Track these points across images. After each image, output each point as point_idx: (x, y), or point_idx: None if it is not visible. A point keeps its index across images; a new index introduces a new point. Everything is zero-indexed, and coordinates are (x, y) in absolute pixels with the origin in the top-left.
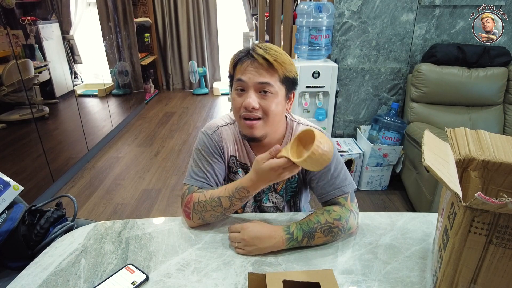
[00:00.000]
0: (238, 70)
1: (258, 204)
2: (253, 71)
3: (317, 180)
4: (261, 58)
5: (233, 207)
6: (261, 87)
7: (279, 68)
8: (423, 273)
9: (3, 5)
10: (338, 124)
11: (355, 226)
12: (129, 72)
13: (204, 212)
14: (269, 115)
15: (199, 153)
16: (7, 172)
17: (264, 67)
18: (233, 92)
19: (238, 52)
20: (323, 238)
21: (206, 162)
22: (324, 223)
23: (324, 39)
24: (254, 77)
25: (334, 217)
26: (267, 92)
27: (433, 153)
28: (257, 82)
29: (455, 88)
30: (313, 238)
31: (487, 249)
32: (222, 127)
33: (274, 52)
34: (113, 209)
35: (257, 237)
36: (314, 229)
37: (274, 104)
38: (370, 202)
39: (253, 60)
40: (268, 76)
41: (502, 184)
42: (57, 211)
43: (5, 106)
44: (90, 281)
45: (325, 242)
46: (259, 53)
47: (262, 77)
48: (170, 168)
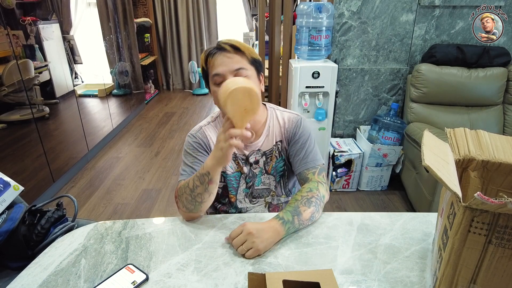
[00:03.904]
0: (211, 64)
1: (251, 190)
2: (225, 61)
3: (293, 155)
4: (228, 46)
5: (197, 190)
6: (237, 73)
7: (246, 50)
8: (422, 273)
9: (3, 5)
10: (338, 124)
11: (327, 194)
12: (129, 73)
13: (181, 197)
14: None
15: (185, 153)
16: (7, 172)
17: (233, 53)
18: (212, 86)
19: (207, 49)
20: (309, 210)
21: (192, 157)
22: (301, 198)
23: (324, 40)
24: (228, 66)
25: (306, 191)
26: (243, 76)
27: (433, 153)
28: (233, 70)
29: (454, 89)
30: (300, 213)
31: (486, 249)
32: (205, 126)
33: (236, 40)
34: (113, 209)
35: (259, 228)
36: (296, 206)
37: None
38: (370, 202)
39: (222, 51)
40: (240, 61)
41: (501, 184)
42: (57, 211)
43: (6, 106)
44: (90, 281)
45: (313, 215)
46: (224, 42)
47: (235, 63)
48: (170, 168)
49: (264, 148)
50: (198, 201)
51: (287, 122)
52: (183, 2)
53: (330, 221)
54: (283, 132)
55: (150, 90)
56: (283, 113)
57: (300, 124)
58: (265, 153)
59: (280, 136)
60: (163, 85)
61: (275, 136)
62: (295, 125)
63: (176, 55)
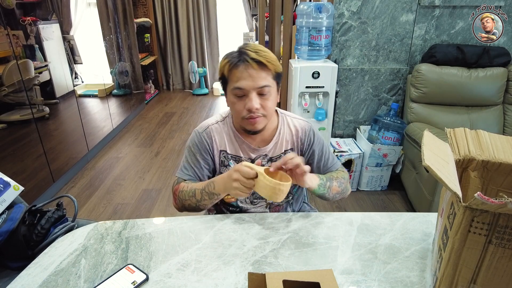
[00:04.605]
0: (234, 75)
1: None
2: (251, 77)
3: (312, 163)
4: (255, 63)
5: (204, 202)
6: (261, 90)
7: (272, 67)
8: (422, 273)
9: (4, 5)
10: (338, 124)
11: (350, 186)
12: (129, 73)
13: (184, 201)
14: (268, 111)
15: (189, 150)
16: (8, 172)
17: (259, 70)
18: (231, 96)
19: (230, 56)
20: (337, 188)
21: (195, 159)
22: (336, 176)
23: (324, 40)
24: (253, 82)
25: (337, 174)
26: (266, 93)
27: (433, 153)
28: (258, 87)
29: (454, 89)
30: (332, 182)
31: (486, 249)
32: (212, 125)
33: (264, 53)
34: (113, 209)
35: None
36: (330, 178)
37: (272, 101)
38: (370, 202)
39: (247, 65)
40: (265, 79)
41: (501, 184)
42: (57, 211)
43: (6, 106)
44: (90, 281)
45: (336, 194)
46: (252, 57)
47: (260, 80)
48: (170, 168)
49: (271, 154)
50: (201, 208)
51: (300, 131)
52: (183, 2)
53: (330, 221)
54: (295, 140)
55: (150, 90)
56: (294, 120)
57: (313, 134)
58: (271, 159)
59: (292, 144)
60: (163, 85)
61: (284, 144)
62: (308, 134)
63: (176, 55)
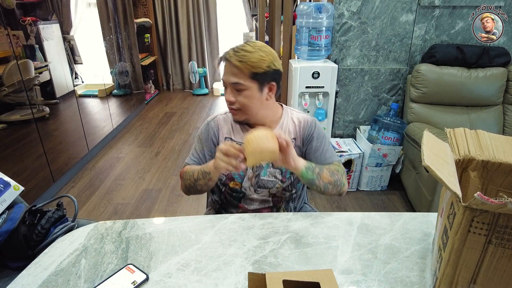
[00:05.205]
0: (223, 69)
1: (257, 180)
2: (227, 72)
3: (310, 153)
4: (231, 61)
5: (199, 181)
6: (234, 86)
7: (244, 68)
8: (422, 273)
9: (4, 5)
10: (337, 125)
11: (347, 183)
12: (130, 73)
13: (185, 180)
14: (244, 106)
15: (198, 138)
16: (8, 172)
17: (233, 68)
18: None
19: (224, 52)
20: (329, 177)
21: (201, 147)
22: (328, 168)
23: (324, 40)
24: (227, 78)
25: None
26: (239, 90)
27: (433, 153)
28: (230, 83)
29: (454, 89)
30: (322, 171)
31: (486, 249)
32: (220, 115)
33: (244, 53)
34: (114, 209)
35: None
36: (322, 167)
37: (247, 98)
38: (370, 202)
39: (227, 62)
40: (237, 76)
41: (501, 184)
42: (58, 211)
43: (6, 106)
44: (90, 281)
45: (328, 184)
46: (230, 55)
47: (232, 77)
48: (171, 168)
49: None
50: (198, 188)
51: (303, 122)
52: (183, 2)
53: (330, 221)
54: (298, 130)
55: (150, 90)
56: (298, 114)
57: (315, 125)
58: None
59: (294, 134)
60: (163, 85)
61: (287, 134)
62: (310, 125)
63: (176, 55)
